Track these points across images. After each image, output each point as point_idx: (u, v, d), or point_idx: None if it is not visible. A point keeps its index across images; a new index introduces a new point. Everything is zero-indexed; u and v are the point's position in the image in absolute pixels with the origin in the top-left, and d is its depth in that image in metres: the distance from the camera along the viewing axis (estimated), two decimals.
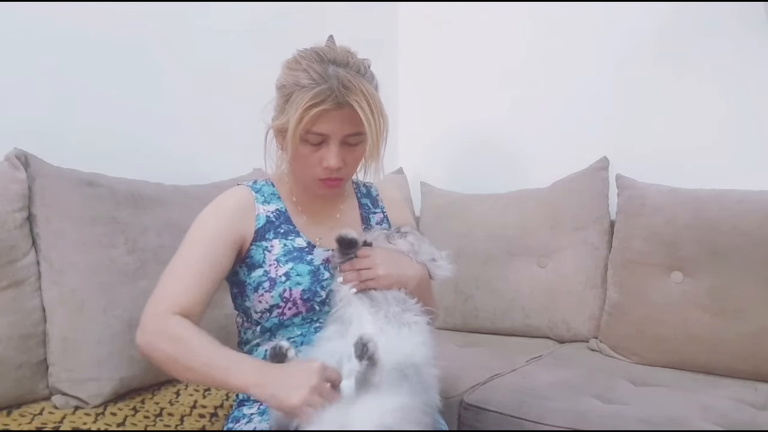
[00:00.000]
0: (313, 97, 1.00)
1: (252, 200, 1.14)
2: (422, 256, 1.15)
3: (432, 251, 1.16)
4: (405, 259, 1.13)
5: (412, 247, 1.14)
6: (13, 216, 1.22)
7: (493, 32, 2.24)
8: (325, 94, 1.01)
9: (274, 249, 1.10)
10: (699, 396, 1.33)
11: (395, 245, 1.14)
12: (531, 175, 2.08)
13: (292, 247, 1.11)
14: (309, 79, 1.02)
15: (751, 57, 1.77)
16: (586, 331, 1.78)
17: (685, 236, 1.57)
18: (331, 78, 1.01)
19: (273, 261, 1.09)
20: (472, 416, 1.37)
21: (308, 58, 1.05)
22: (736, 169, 1.76)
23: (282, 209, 1.15)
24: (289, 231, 1.13)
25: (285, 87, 1.05)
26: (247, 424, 1.06)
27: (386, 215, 1.27)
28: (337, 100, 1.01)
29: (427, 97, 2.42)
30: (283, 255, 1.10)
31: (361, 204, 1.25)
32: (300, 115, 1.01)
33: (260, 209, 1.13)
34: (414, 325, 1.05)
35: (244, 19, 1.89)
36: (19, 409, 1.19)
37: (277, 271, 1.09)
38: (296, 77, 1.03)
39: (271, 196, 1.16)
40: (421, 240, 1.17)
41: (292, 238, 1.12)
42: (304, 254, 1.11)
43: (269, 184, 1.18)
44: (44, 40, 1.46)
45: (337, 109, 1.02)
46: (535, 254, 1.89)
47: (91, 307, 1.26)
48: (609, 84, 2.00)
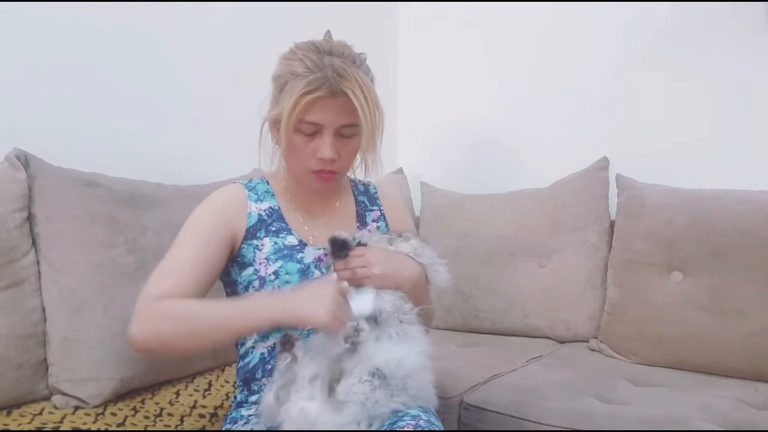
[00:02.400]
0: (307, 84, 1.00)
1: (244, 198, 1.13)
2: (423, 260, 1.14)
3: (433, 257, 1.15)
4: (401, 259, 1.11)
5: (414, 250, 1.13)
6: (13, 216, 1.22)
7: (493, 32, 2.24)
8: (320, 81, 1.00)
9: (265, 247, 1.10)
10: (699, 396, 1.33)
11: (397, 248, 1.13)
12: (531, 175, 2.07)
13: (283, 245, 1.11)
14: (304, 68, 1.02)
15: (751, 57, 1.77)
16: (586, 331, 1.78)
17: (685, 236, 1.57)
18: (327, 67, 1.01)
19: (263, 259, 1.09)
20: (472, 416, 1.37)
21: (304, 48, 1.05)
22: (736, 169, 1.76)
23: (275, 207, 1.14)
24: (281, 229, 1.13)
25: (280, 77, 1.06)
26: (245, 425, 1.06)
27: (383, 213, 1.26)
28: (331, 87, 1.01)
29: (426, 97, 2.42)
30: (273, 253, 1.09)
31: (358, 201, 1.24)
32: (294, 103, 1.00)
33: (252, 207, 1.13)
34: (410, 334, 1.03)
35: (244, 19, 1.89)
36: (19, 409, 1.19)
37: (266, 270, 1.08)
38: (291, 66, 1.03)
39: (265, 194, 1.16)
40: (423, 245, 1.16)
41: (283, 236, 1.12)
42: (294, 252, 1.10)
43: (264, 182, 1.18)
44: (44, 40, 1.46)
45: (332, 97, 1.01)
46: (535, 254, 1.89)
47: (91, 307, 1.26)
48: (609, 84, 2.00)
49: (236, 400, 1.15)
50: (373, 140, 1.05)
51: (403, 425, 0.92)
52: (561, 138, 2.09)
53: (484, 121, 2.27)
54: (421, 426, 0.92)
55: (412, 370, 0.97)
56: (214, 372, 1.47)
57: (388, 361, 0.94)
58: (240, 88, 1.83)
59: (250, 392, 1.12)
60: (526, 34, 2.17)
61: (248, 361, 1.12)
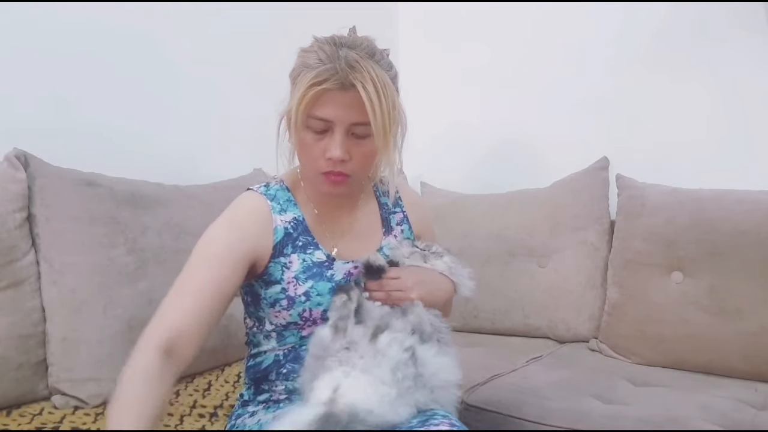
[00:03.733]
0: (316, 75, 0.94)
1: (268, 210, 1.04)
2: (456, 278, 1.11)
3: (463, 272, 1.13)
4: (436, 280, 1.07)
5: (449, 269, 1.11)
6: (13, 216, 1.22)
7: (493, 32, 2.24)
8: (329, 73, 0.94)
9: (293, 265, 1.03)
10: (699, 396, 1.33)
11: (432, 266, 1.10)
12: (531, 175, 2.07)
13: (312, 262, 1.04)
14: (316, 59, 0.96)
15: (751, 57, 1.77)
16: (586, 331, 1.78)
17: (685, 236, 1.57)
18: (340, 59, 0.94)
19: (292, 279, 1.02)
20: (472, 416, 1.37)
21: (321, 41, 0.99)
22: (736, 169, 1.76)
23: (299, 218, 1.06)
24: (308, 243, 1.05)
25: (294, 70, 1.00)
26: (250, 419, 1.05)
27: (406, 215, 1.19)
28: (340, 80, 0.94)
29: (426, 98, 2.41)
30: (302, 272, 1.03)
31: (381, 204, 1.17)
32: (302, 95, 0.94)
33: (278, 221, 1.04)
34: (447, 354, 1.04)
35: (244, 19, 1.89)
36: (18, 409, 1.19)
37: (296, 290, 1.02)
38: (305, 58, 0.98)
39: (287, 203, 1.07)
40: (456, 261, 1.13)
41: (311, 252, 1.05)
42: (324, 270, 1.04)
43: (283, 188, 1.09)
44: (44, 40, 1.46)
45: (341, 90, 0.94)
46: (535, 254, 1.89)
47: (91, 307, 1.26)
48: (609, 84, 2.00)
49: (242, 397, 1.13)
50: (385, 139, 0.96)
51: (437, 423, 0.89)
52: (561, 138, 2.09)
53: (484, 122, 2.27)
54: (455, 426, 0.90)
55: (445, 382, 0.98)
56: (213, 372, 1.47)
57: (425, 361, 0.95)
58: (240, 88, 1.84)
59: (258, 392, 1.10)
60: (526, 35, 2.17)
61: (260, 361, 1.09)
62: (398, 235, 1.17)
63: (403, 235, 1.18)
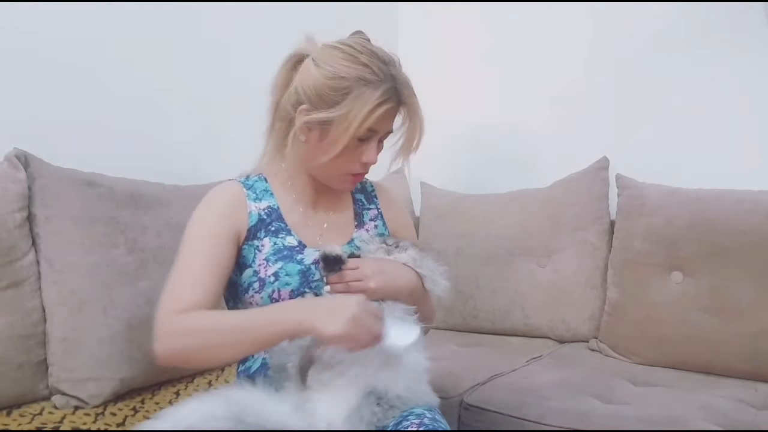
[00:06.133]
0: (383, 94, 1.02)
1: (243, 197, 1.11)
2: (423, 270, 1.12)
3: (432, 267, 1.14)
4: (397, 269, 1.09)
5: (414, 261, 1.11)
6: (13, 216, 1.22)
7: (493, 32, 2.24)
8: (391, 92, 1.03)
9: (265, 248, 1.08)
10: (699, 396, 1.33)
11: (395, 258, 1.11)
12: (531, 175, 2.07)
13: (282, 245, 1.09)
14: (374, 75, 1.02)
15: (751, 57, 1.77)
16: (586, 331, 1.78)
17: (685, 236, 1.57)
18: (394, 78, 1.04)
19: (262, 260, 1.07)
20: (472, 416, 1.37)
21: (366, 54, 1.04)
22: (736, 169, 1.76)
23: (274, 206, 1.12)
24: (280, 229, 1.11)
25: (344, 79, 1.01)
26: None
27: (381, 212, 1.24)
28: (399, 99, 1.05)
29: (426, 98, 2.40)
30: (272, 254, 1.07)
31: (355, 200, 1.23)
32: (368, 112, 1.02)
33: (252, 206, 1.11)
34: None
35: (244, 20, 1.89)
36: (19, 409, 1.19)
37: (266, 271, 1.06)
38: (359, 72, 1.02)
39: (264, 192, 1.13)
40: (422, 255, 1.14)
41: (282, 236, 1.10)
42: (294, 253, 1.08)
43: (262, 180, 1.15)
44: (45, 40, 1.46)
45: (396, 106, 1.06)
46: (535, 254, 1.89)
47: (91, 307, 1.26)
48: (609, 84, 2.00)
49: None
50: (418, 146, 1.12)
51: (408, 425, 0.93)
52: (561, 138, 2.09)
53: (484, 121, 2.26)
54: (425, 425, 0.93)
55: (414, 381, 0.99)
56: (213, 372, 1.47)
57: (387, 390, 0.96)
58: (240, 88, 1.84)
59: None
60: (526, 35, 2.17)
61: (249, 366, 1.11)
62: (371, 230, 1.20)
63: (377, 231, 1.21)
